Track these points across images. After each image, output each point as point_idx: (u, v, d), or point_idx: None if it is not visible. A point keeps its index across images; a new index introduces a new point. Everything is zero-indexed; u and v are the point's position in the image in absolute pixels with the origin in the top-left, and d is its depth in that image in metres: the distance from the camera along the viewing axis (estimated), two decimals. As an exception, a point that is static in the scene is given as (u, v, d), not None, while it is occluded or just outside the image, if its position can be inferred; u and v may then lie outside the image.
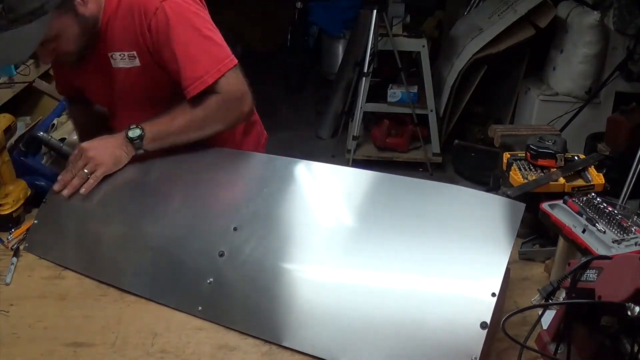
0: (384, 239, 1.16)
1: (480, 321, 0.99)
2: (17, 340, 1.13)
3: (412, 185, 1.29)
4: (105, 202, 1.41)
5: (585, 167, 1.41)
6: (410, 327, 1.04)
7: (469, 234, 1.12)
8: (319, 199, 1.31)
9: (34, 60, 2.87)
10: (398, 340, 1.03)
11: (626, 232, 1.12)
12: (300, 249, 1.22)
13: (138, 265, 1.29)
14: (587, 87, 3.81)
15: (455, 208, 1.19)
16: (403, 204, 1.23)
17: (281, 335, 1.10)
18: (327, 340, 1.07)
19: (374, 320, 1.06)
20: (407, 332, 1.03)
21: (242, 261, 1.20)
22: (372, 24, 3.87)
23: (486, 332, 0.98)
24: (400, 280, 1.10)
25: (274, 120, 4.79)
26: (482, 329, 0.98)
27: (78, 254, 1.36)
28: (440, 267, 1.10)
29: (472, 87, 4.11)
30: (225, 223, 1.26)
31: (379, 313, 1.07)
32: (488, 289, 1.02)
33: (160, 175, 1.47)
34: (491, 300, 1.01)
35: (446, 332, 1.01)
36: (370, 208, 1.26)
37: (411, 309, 1.05)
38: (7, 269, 1.32)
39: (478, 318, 0.99)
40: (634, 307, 0.79)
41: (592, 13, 3.65)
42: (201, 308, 1.18)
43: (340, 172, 1.37)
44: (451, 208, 1.19)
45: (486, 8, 4.32)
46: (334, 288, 1.14)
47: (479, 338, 0.98)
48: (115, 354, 1.09)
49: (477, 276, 1.06)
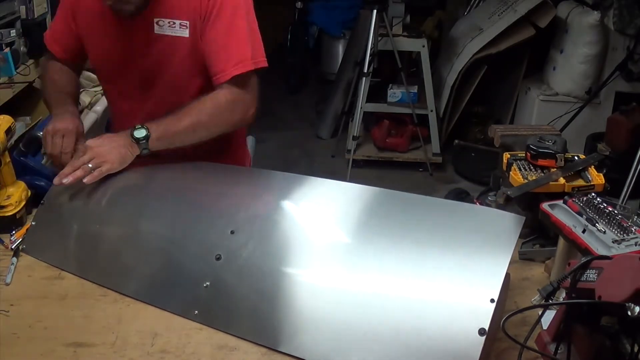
0: (383, 246, 1.16)
1: (479, 327, 0.98)
2: (17, 340, 1.13)
3: (412, 200, 1.29)
4: (102, 204, 1.41)
5: (585, 167, 1.41)
6: (408, 333, 1.03)
7: (468, 243, 1.12)
8: (318, 209, 1.30)
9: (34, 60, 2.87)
10: (396, 346, 1.02)
11: (626, 232, 1.12)
12: (298, 254, 1.21)
13: (135, 269, 1.29)
14: (587, 87, 3.81)
15: (455, 220, 1.19)
16: (403, 215, 1.22)
17: (278, 340, 1.10)
18: (324, 346, 1.06)
19: (372, 327, 1.06)
20: (406, 338, 1.03)
21: (239, 265, 1.19)
22: (372, 24, 3.87)
23: (484, 338, 0.97)
24: (399, 286, 1.10)
25: (274, 120, 4.83)
26: (481, 335, 0.97)
27: (75, 257, 1.36)
28: (438, 273, 1.09)
29: (472, 87, 4.11)
30: (222, 226, 1.26)
31: (377, 319, 1.06)
32: (487, 295, 1.01)
33: (158, 179, 1.48)
34: (490, 306, 1.00)
35: (444, 338, 1.00)
36: (368, 218, 1.25)
37: (409, 315, 1.05)
38: (7, 269, 1.32)
39: (476, 324, 0.98)
40: (634, 307, 0.79)
41: (592, 13, 3.65)
42: (197, 312, 1.17)
43: (340, 187, 1.35)
44: (451, 220, 1.19)
45: (486, 8, 4.32)
46: (331, 293, 1.13)
47: (477, 344, 0.97)
48: (115, 354, 1.09)
49: (476, 282, 1.05)
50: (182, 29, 1.49)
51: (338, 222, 1.25)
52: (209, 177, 1.50)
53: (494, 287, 1.02)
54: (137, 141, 1.43)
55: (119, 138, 1.44)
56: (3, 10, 2.70)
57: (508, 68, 4.25)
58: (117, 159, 1.41)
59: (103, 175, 1.40)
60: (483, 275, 1.05)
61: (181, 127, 1.46)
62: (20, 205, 1.49)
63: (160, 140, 1.45)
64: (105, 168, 1.40)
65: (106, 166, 1.40)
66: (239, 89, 1.50)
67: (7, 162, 1.49)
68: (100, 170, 1.39)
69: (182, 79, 1.57)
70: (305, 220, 1.28)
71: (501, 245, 1.09)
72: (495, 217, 1.19)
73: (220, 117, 1.50)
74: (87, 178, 1.37)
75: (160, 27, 1.50)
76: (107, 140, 1.44)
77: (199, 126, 1.48)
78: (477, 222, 1.17)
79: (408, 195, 1.28)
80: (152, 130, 1.44)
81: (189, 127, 1.47)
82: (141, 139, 1.42)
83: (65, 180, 1.37)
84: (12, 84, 2.64)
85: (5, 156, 1.48)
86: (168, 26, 1.50)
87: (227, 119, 1.52)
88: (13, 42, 2.68)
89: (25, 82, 2.76)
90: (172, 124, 1.46)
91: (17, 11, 2.79)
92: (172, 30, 1.50)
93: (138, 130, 1.43)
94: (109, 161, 1.40)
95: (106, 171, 1.40)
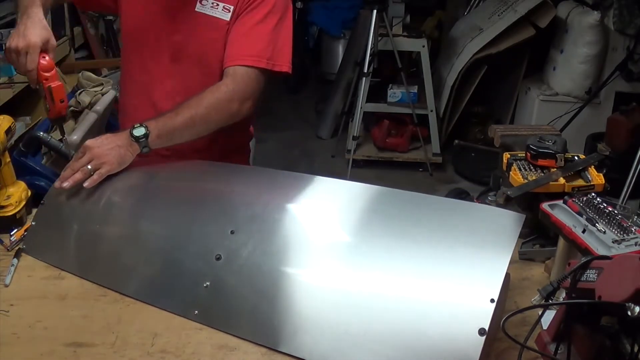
0: (383, 245, 1.16)
1: (479, 327, 0.97)
2: (17, 340, 1.13)
3: (412, 198, 1.28)
4: (102, 204, 1.40)
5: (585, 167, 1.41)
6: (408, 333, 1.03)
7: (468, 242, 1.11)
8: (318, 207, 1.30)
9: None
10: (396, 346, 1.02)
11: (626, 232, 1.12)
12: (298, 254, 1.21)
13: (134, 269, 1.28)
14: (587, 87, 3.81)
15: (455, 219, 1.18)
16: (403, 214, 1.22)
17: (278, 340, 1.09)
18: (323, 346, 1.06)
19: (372, 326, 1.05)
20: (405, 338, 1.02)
21: (239, 265, 1.19)
22: (372, 24, 3.87)
23: (484, 338, 0.97)
24: (399, 286, 1.09)
25: (274, 120, 4.83)
26: (481, 335, 0.97)
27: (74, 257, 1.36)
28: (438, 273, 1.09)
29: (472, 87, 4.11)
30: (222, 226, 1.25)
31: (377, 319, 1.06)
32: (487, 295, 1.01)
33: (157, 179, 1.47)
34: (490, 306, 0.99)
35: (444, 338, 1.00)
36: (368, 217, 1.25)
37: (409, 315, 1.05)
38: (7, 270, 1.32)
39: (476, 324, 0.98)
40: (634, 307, 0.79)
41: (592, 13, 3.65)
42: (197, 312, 1.17)
43: (340, 186, 1.36)
44: (451, 219, 1.18)
45: (486, 8, 4.33)
46: (331, 293, 1.13)
47: (477, 344, 0.97)
48: (115, 354, 1.09)
49: (476, 282, 1.05)
50: (224, 12, 1.52)
51: (338, 222, 1.25)
52: (208, 176, 1.50)
53: (494, 287, 1.01)
54: (137, 140, 1.42)
55: (118, 138, 1.43)
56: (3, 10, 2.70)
57: (508, 68, 4.26)
58: (116, 159, 1.40)
59: (103, 177, 1.39)
60: (483, 275, 1.05)
61: (179, 122, 1.46)
62: (20, 205, 1.49)
63: (160, 137, 1.44)
64: (104, 170, 1.39)
65: (105, 168, 1.39)
66: (243, 81, 1.51)
67: (7, 162, 1.48)
68: (99, 173, 1.38)
69: (212, 59, 1.57)
70: (305, 220, 1.28)
71: (501, 245, 1.08)
72: (495, 215, 1.19)
73: (218, 107, 1.49)
74: (87, 182, 1.37)
75: (202, 6, 1.53)
76: (106, 140, 1.43)
77: (197, 119, 1.48)
78: (477, 221, 1.17)
79: (408, 193, 1.28)
80: (151, 128, 1.43)
81: (187, 121, 1.46)
82: (140, 137, 1.42)
83: (65, 185, 1.37)
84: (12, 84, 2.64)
85: (5, 156, 1.48)
86: (211, 6, 1.52)
87: (225, 109, 1.51)
88: (13, 42, 2.67)
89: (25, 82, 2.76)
90: (170, 119, 1.46)
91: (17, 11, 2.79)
92: (214, 11, 1.53)
93: (137, 129, 1.42)
94: (108, 162, 1.39)
95: (105, 173, 1.39)
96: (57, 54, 3.39)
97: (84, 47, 3.91)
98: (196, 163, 1.52)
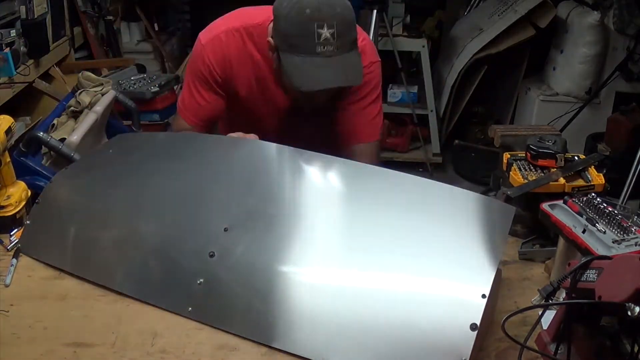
0: (374, 239, 1.17)
1: (470, 323, 0.98)
2: (17, 340, 1.13)
3: (405, 180, 1.29)
4: (97, 203, 1.40)
5: (585, 167, 1.41)
6: (400, 329, 1.04)
7: (460, 235, 1.13)
8: (310, 196, 1.31)
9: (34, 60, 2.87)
10: (388, 341, 1.03)
11: (626, 232, 1.12)
12: (291, 250, 1.22)
13: (128, 266, 1.29)
14: (587, 87, 3.80)
15: (447, 208, 1.20)
16: (394, 202, 1.23)
17: (272, 336, 1.10)
18: (316, 342, 1.07)
19: (364, 322, 1.06)
20: (398, 334, 1.03)
21: (232, 262, 1.20)
22: (372, 24, 3.87)
23: (476, 333, 0.98)
24: (391, 282, 1.10)
25: (274, 120, 4.82)
26: (472, 330, 0.98)
27: (69, 254, 1.36)
28: (430, 269, 1.10)
29: (472, 87, 4.10)
30: (215, 223, 1.26)
31: (369, 314, 1.07)
32: (478, 290, 1.02)
33: (151, 174, 1.46)
34: (481, 301, 1.01)
35: (436, 334, 1.01)
36: (360, 205, 1.26)
37: (401, 310, 1.06)
38: (7, 270, 1.32)
39: (468, 319, 0.99)
40: (634, 307, 0.79)
41: (592, 13, 3.65)
42: (191, 309, 1.17)
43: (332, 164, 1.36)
44: (443, 208, 1.20)
45: (486, 8, 4.32)
46: (324, 289, 1.14)
47: (468, 339, 0.98)
48: (115, 354, 1.09)
49: (468, 278, 1.06)
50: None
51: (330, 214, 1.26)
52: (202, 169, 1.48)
53: (485, 283, 1.03)
54: None
55: None
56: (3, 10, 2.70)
57: (508, 68, 4.25)
58: None
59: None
60: (474, 270, 1.06)
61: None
62: (20, 205, 1.49)
63: None
64: None
65: None
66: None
67: (7, 162, 1.48)
68: None
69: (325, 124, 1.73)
70: (298, 214, 1.29)
71: (493, 240, 1.10)
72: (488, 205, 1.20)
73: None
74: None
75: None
76: None
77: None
78: (469, 212, 1.18)
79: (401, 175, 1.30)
80: None
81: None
82: None
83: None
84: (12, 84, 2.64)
85: (5, 156, 1.48)
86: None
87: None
88: (13, 42, 2.68)
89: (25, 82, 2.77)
90: None
91: (17, 11, 2.79)
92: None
93: None
94: None
95: None
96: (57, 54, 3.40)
97: (84, 47, 3.91)
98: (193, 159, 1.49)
